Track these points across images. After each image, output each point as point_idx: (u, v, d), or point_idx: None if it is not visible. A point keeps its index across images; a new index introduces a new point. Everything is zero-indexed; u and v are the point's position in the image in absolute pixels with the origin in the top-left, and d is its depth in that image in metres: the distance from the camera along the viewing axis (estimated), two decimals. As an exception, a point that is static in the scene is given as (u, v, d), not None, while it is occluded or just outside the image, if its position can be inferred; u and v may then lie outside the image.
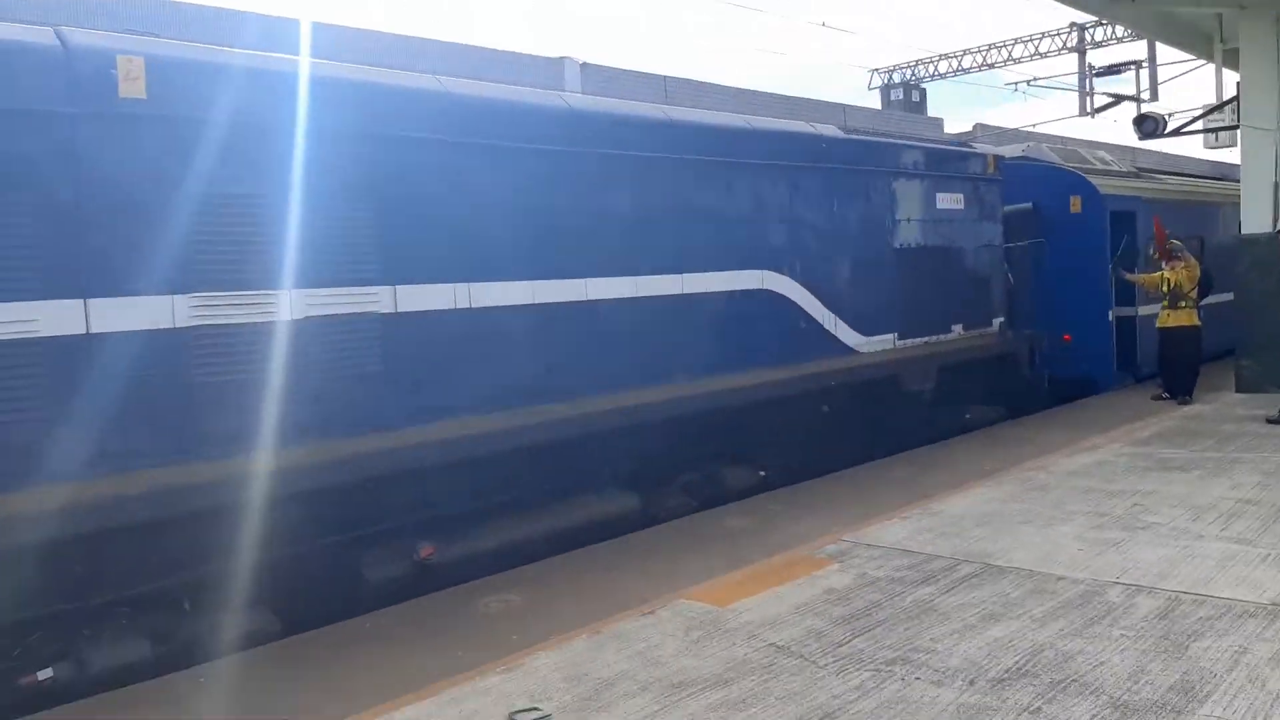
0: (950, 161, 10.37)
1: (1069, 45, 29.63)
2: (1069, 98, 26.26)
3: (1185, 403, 10.87)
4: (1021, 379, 11.17)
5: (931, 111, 34.21)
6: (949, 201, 10.18)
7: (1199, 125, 14.61)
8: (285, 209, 5.18)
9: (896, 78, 32.86)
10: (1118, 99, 22.93)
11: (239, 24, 11.75)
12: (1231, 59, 12.11)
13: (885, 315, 9.30)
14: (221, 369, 4.94)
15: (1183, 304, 11.00)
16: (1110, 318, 11.67)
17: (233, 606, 4.95)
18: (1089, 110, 25.69)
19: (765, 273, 8.09)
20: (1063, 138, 28.39)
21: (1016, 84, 28.86)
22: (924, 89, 32.41)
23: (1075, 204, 11.66)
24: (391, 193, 5.68)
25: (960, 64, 31.68)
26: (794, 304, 8.34)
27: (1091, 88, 26.38)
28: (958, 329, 10.26)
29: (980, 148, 11.05)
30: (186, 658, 4.80)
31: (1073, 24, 29.53)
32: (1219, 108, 13.39)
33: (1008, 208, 11.29)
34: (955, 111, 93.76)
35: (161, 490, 4.62)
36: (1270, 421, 9.24)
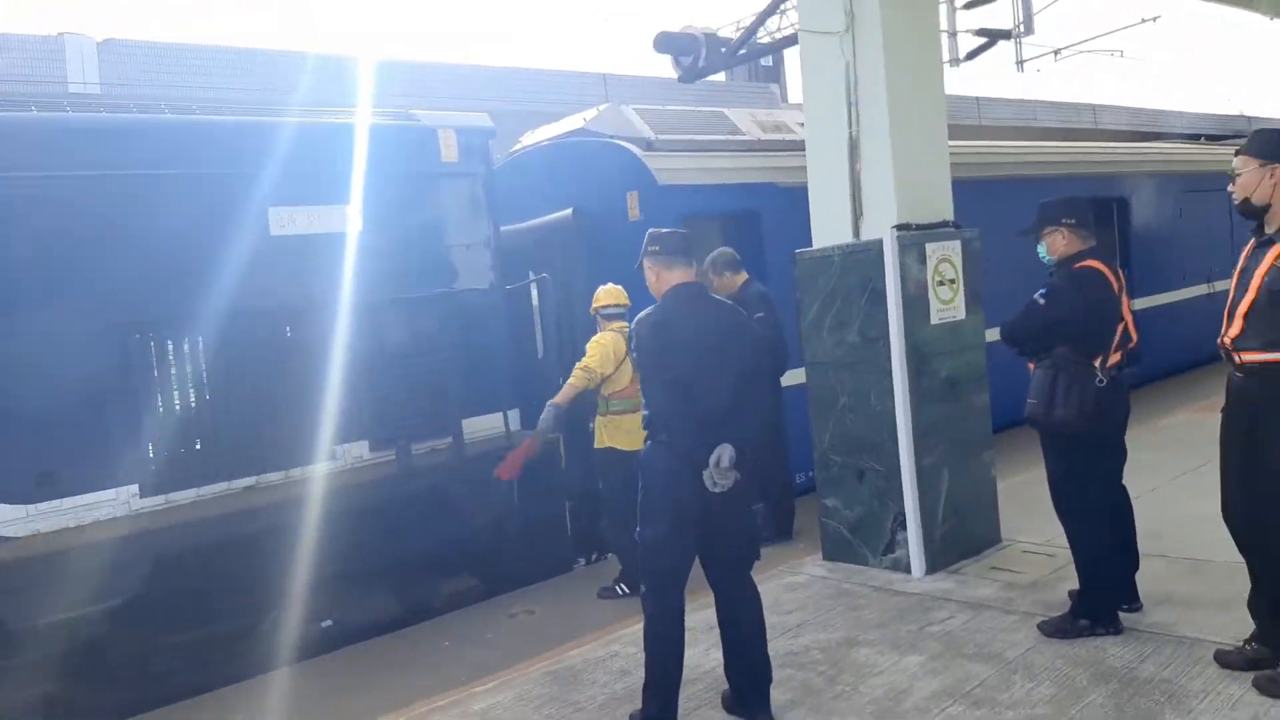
0: (307, 145, 5.42)
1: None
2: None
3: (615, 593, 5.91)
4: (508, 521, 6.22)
5: (792, 78, 28.77)
6: (311, 221, 5.29)
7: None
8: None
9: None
10: (990, 38, 16.80)
11: None
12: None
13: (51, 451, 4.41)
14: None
15: (615, 406, 5.83)
16: None
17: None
18: (954, 58, 18.83)
19: None
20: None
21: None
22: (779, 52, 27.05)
23: (632, 205, 6.68)
24: None
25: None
26: None
27: (954, 26, 18.91)
28: (351, 450, 5.36)
29: (426, 116, 5.97)
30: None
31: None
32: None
33: (537, 220, 6.39)
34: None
35: None
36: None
